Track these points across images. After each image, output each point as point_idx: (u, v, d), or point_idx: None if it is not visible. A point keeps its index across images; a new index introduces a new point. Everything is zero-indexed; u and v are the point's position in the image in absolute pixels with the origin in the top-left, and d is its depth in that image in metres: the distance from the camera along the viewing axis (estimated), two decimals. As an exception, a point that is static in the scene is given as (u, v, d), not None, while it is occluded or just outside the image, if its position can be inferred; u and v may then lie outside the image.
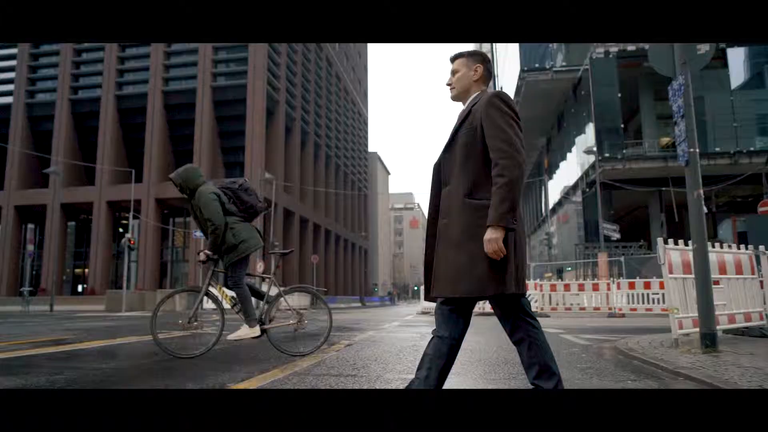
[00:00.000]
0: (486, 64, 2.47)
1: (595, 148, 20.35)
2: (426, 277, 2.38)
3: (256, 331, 4.80)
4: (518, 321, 2.28)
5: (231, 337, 5.28)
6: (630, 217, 30.93)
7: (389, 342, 6.82)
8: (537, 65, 29.11)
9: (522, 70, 29.14)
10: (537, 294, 15.39)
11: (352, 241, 52.91)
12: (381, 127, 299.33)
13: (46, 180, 34.00)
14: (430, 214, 2.44)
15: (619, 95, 25.09)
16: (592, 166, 25.85)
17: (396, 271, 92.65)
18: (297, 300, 12.36)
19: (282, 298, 4.92)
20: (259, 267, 23.30)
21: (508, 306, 2.29)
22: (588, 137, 27.02)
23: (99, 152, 32.15)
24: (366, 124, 60.33)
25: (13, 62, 35.15)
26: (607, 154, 24.50)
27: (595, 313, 14.81)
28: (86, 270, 36.73)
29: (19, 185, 33.51)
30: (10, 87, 34.55)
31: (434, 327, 2.37)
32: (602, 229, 19.12)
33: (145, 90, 32.55)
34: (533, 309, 13.20)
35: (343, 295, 44.30)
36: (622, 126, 25.27)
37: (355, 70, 56.23)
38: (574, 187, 29.43)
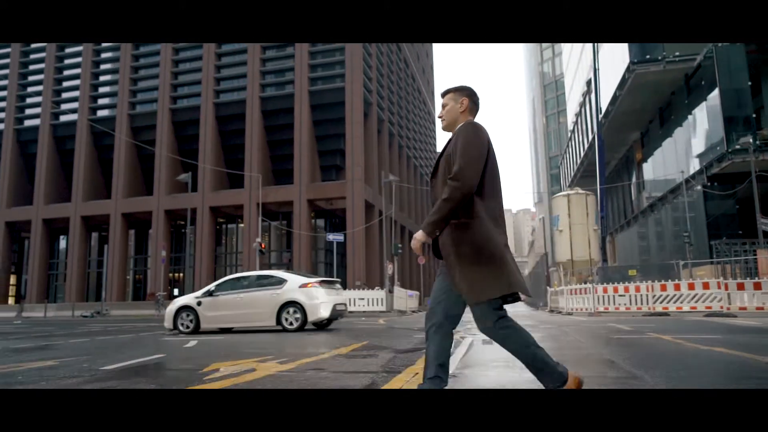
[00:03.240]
0: (471, 97, 2.76)
1: (750, 140, 19.30)
2: None
3: None
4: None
5: None
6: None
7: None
8: (648, 56, 28.07)
9: (631, 62, 28.17)
10: (721, 293, 14.66)
11: (426, 242, 52.60)
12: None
13: (150, 188, 35.11)
14: None
15: (750, 83, 23.92)
16: (718, 159, 24.71)
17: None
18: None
19: None
20: (389, 269, 23.25)
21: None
22: (708, 128, 25.88)
23: (200, 159, 32.92)
24: (434, 123, 60.08)
25: (112, 76, 36.47)
26: (737, 146, 23.30)
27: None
28: (181, 275, 37.78)
29: (124, 194, 34.72)
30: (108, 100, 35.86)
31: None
32: (760, 224, 18.15)
33: (243, 97, 33.16)
34: (716, 308, 12.61)
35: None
36: (754, 116, 24.06)
37: (425, 71, 56.06)
38: (687, 181, 28.19)
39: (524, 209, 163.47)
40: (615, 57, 31.62)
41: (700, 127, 27.20)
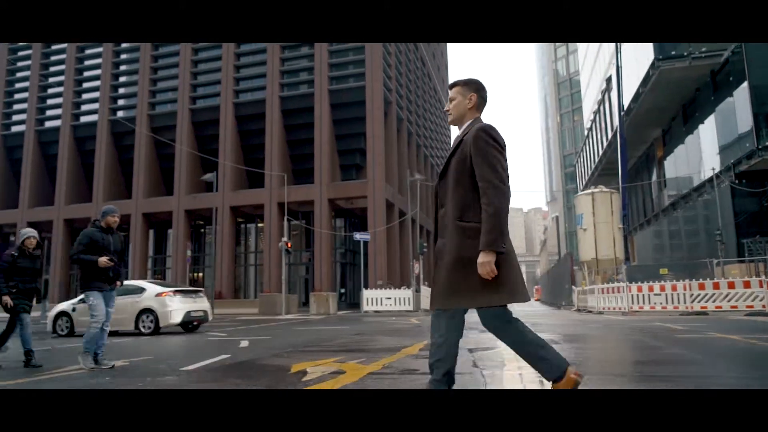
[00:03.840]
0: (480, 92, 2.72)
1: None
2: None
3: None
4: (505, 325, 2.60)
5: None
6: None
7: None
8: (673, 52, 27.69)
9: (656, 59, 27.82)
10: (763, 291, 14.41)
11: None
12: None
13: (170, 188, 35.23)
14: (434, 231, 2.76)
15: (781, 79, 23.51)
16: (747, 156, 24.33)
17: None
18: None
19: None
20: (416, 268, 23.18)
21: (494, 313, 2.59)
22: (736, 124, 25.50)
23: (220, 158, 32.96)
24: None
25: (132, 77, 36.65)
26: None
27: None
28: (200, 274, 37.89)
29: (144, 194, 34.85)
30: (135, 100, 36.04)
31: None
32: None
33: (263, 96, 33.14)
34: (758, 307, 12.54)
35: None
36: (786, 111, 23.64)
37: (440, 69, 55.84)
38: (716, 176, 27.75)
39: (535, 208, 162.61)
40: (638, 53, 31.30)
41: (727, 124, 26.82)
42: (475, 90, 2.72)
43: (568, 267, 27.41)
